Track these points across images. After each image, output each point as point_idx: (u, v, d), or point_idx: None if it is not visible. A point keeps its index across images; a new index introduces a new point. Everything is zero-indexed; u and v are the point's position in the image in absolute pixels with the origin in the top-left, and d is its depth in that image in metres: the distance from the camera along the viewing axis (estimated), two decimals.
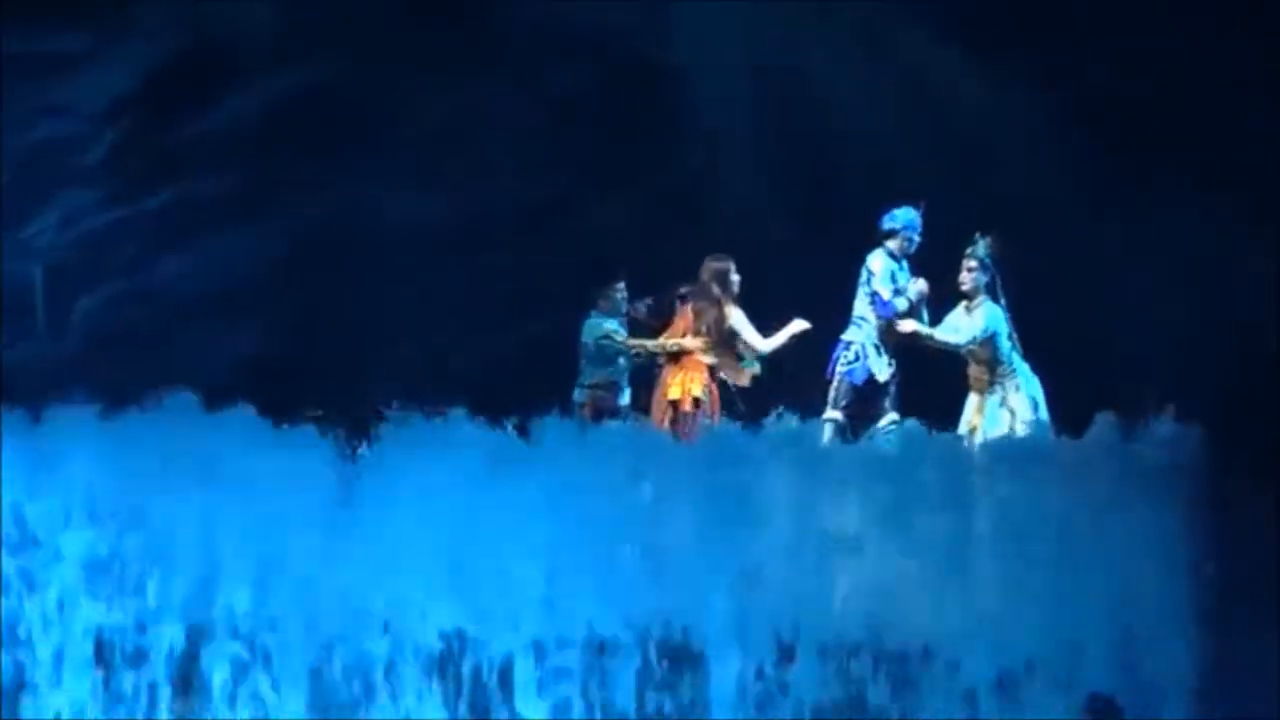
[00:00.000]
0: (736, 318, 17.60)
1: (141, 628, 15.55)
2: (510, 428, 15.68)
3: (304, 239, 19.86)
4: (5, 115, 19.26)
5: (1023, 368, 17.15)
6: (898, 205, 17.45)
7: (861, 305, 17.43)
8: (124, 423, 15.86)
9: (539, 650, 15.48)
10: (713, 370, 17.71)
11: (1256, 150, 19.36)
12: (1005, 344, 17.10)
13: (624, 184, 19.89)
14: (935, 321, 17.25)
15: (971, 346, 17.03)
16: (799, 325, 17.53)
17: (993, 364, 17.17)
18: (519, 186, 19.89)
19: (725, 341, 17.71)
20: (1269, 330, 18.94)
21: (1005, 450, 16.34)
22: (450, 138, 19.91)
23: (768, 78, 20.04)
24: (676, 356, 17.72)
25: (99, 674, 15.32)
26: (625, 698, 15.50)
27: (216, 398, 15.87)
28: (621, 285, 18.00)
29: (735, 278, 17.62)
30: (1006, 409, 17.08)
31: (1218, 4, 19.97)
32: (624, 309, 18.04)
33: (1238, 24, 19.74)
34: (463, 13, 19.86)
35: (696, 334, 17.64)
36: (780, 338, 17.61)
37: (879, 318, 17.28)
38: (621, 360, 17.84)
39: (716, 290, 17.59)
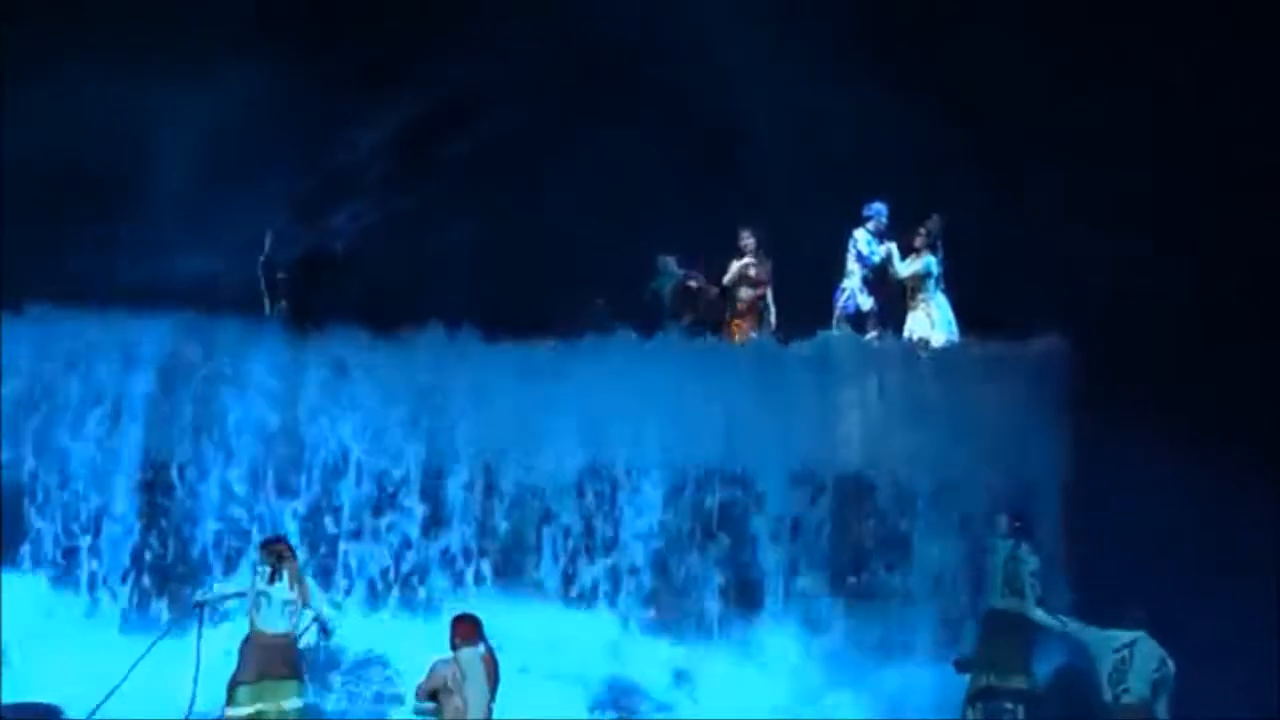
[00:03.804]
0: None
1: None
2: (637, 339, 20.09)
3: (507, 223, 22.46)
4: (317, 148, 22.20)
5: (938, 296, 20.72)
6: (875, 199, 20.98)
7: (851, 263, 20.91)
8: (397, 342, 20.10)
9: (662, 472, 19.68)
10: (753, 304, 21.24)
11: (1117, 142, 21.75)
12: (932, 281, 20.63)
13: (702, 191, 22.50)
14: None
15: (913, 278, 20.68)
16: None
17: (923, 290, 20.68)
18: (644, 182, 22.59)
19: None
20: (1127, 272, 20.63)
21: (938, 354, 20.35)
22: (592, 159, 22.33)
23: (790, 116, 22.73)
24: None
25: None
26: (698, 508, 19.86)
27: (456, 325, 20.05)
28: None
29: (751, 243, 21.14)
30: (929, 318, 20.67)
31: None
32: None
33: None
34: (592, 84, 22.71)
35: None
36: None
37: (863, 268, 20.84)
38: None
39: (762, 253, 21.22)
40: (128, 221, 21.03)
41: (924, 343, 20.58)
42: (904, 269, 20.79)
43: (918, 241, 20.83)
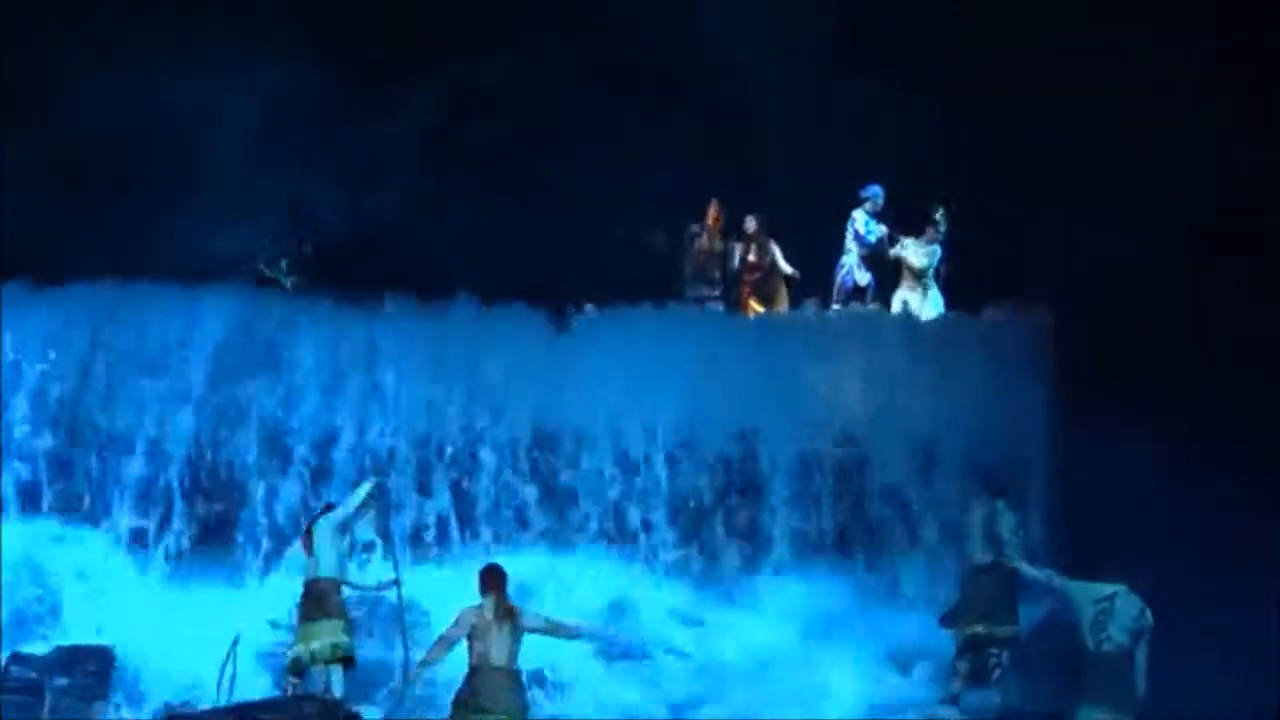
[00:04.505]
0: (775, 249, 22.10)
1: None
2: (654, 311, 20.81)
3: (530, 204, 22.56)
4: (355, 133, 22.40)
5: (932, 282, 21.74)
6: (872, 183, 21.89)
7: (849, 241, 21.84)
8: (430, 313, 20.76)
9: (676, 433, 20.26)
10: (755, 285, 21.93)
11: (1099, 144, 21.75)
12: (932, 270, 21.65)
13: (710, 176, 22.55)
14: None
15: (920, 264, 21.64)
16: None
17: (925, 276, 21.69)
18: (646, 171, 22.83)
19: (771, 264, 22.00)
20: (1113, 252, 20.36)
21: (932, 326, 21.22)
22: (597, 151, 22.71)
23: (793, 104, 23.11)
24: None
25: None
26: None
27: (489, 295, 20.71)
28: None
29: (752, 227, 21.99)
30: (923, 299, 21.61)
31: None
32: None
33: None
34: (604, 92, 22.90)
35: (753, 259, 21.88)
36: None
37: (861, 247, 21.75)
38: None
39: (764, 235, 21.96)
40: (178, 202, 21.45)
41: (912, 318, 21.40)
42: (918, 258, 21.60)
43: (930, 232, 21.63)
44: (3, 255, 20.26)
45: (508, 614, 15.19)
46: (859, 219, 21.82)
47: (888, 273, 21.96)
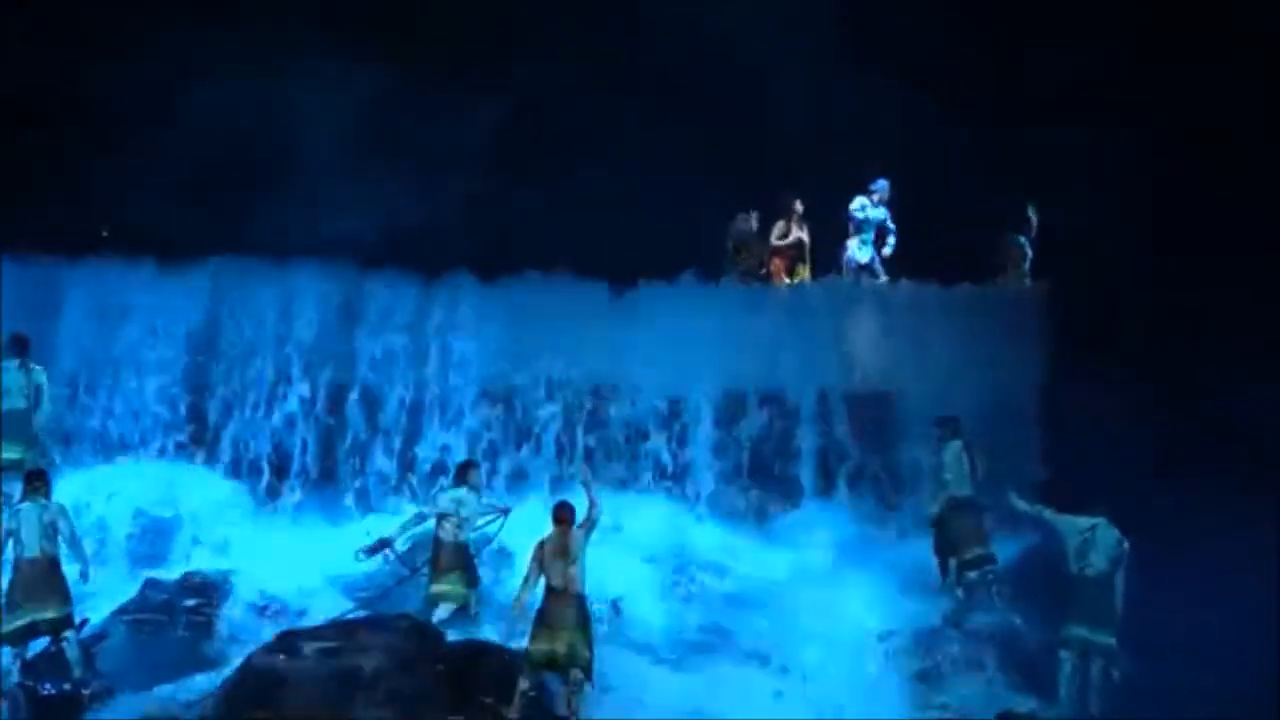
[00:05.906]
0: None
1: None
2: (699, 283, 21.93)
3: (586, 191, 23.51)
4: (433, 132, 23.13)
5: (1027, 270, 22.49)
6: (880, 177, 23.00)
7: (852, 226, 22.98)
8: (500, 287, 21.78)
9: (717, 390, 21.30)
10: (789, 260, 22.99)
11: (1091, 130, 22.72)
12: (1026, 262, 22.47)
13: (742, 169, 23.53)
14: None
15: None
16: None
17: (1021, 253, 22.49)
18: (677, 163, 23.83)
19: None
20: (1097, 228, 21.57)
21: (938, 295, 22.03)
22: (644, 146, 23.65)
23: (812, 104, 23.89)
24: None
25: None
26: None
27: (549, 272, 21.74)
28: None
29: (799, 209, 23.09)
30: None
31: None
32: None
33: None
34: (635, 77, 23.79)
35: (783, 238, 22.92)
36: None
37: (855, 227, 22.87)
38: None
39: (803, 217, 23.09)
40: (278, 192, 22.45)
41: (926, 289, 22.30)
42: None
43: (1025, 227, 22.65)
44: (145, 239, 21.56)
45: (566, 544, 17.01)
46: (856, 204, 22.98)
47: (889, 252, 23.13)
